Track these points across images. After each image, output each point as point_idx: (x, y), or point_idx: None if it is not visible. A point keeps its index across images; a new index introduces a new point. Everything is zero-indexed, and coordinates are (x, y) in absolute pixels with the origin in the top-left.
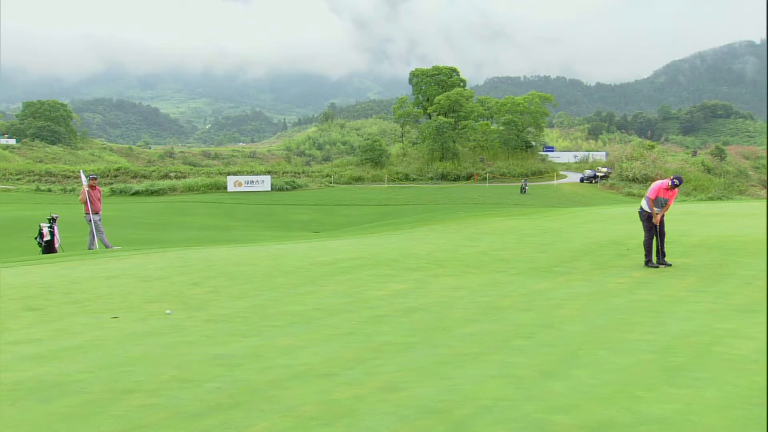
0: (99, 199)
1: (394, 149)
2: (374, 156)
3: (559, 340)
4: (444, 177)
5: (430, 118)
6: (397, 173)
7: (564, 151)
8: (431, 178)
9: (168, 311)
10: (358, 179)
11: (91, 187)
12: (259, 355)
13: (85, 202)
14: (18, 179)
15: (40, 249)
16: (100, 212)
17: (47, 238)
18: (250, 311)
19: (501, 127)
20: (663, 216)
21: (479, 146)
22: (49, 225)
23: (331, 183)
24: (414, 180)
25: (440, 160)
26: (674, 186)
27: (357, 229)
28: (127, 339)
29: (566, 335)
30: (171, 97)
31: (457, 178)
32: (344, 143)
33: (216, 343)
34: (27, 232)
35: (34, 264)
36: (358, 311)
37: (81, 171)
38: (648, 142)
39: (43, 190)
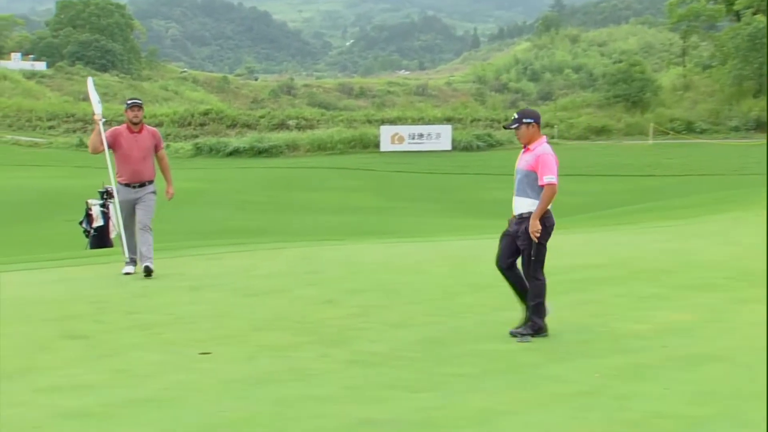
0: (147, 155)
1: (666, 78)
2: (630, 91)
3: None
4: (761, 126)
5: (738, 19)
6: (671, 120)
7: None
8: (735, 129)
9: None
10: (601, 131)
11: (130, 125)
12: (435, 423)
13: (99, 152)
14: (50, 127)
15: (86, 240)
16: (150, 182)
17: (98, 223)
18: (419, 348)
19: None
20: (543, 226)
21: None
22: (101, 203)
23: (553, 138)
24: (703, 132)
25: (755, 96)
26: (515, 124)
27: (596, 217)
28: (223, 389)
29: None
30: None
31: None
32: (577, 69)
33: (364, 400)
34: (66, 212)
35: (78, 265)
36: (601, 356)
37: (89, 80)
38: None
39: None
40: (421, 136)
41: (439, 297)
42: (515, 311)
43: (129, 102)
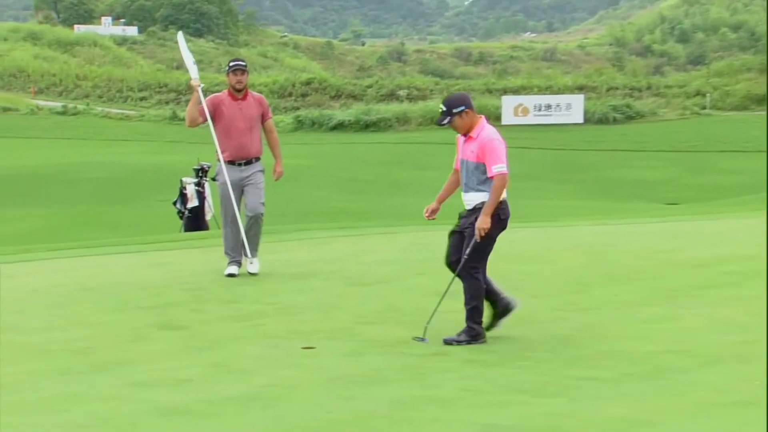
0: (252, 126)
1: None
2: None
3: None
4: None
5: None
6: None
7: None
8: None
9: (419, 339)
10: (763, 100)
11: (233, 91)
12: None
13: (198, 124)
14: (142, 99)
15: (180, 222)
16: (257, 159)
17: (193, 203)
18: (548, 348)
19: None
20: (498, 218)
21: None
22: (196, 181)
23: (704, 108)
24: None
25: None
26: (447, 118)
27: (757, 200)
28: (329, 388)
29: None
30: None
31: None
32: (736, 28)
33: (484, 404)
34: (159, 192)
35: (173, 249)
36: (762, 361)
37: (179, 34)
38: None
39: (183, 119)
40: (548, 107)
41: (569, 290)
42: (659, 307)
43: (232, 64)
